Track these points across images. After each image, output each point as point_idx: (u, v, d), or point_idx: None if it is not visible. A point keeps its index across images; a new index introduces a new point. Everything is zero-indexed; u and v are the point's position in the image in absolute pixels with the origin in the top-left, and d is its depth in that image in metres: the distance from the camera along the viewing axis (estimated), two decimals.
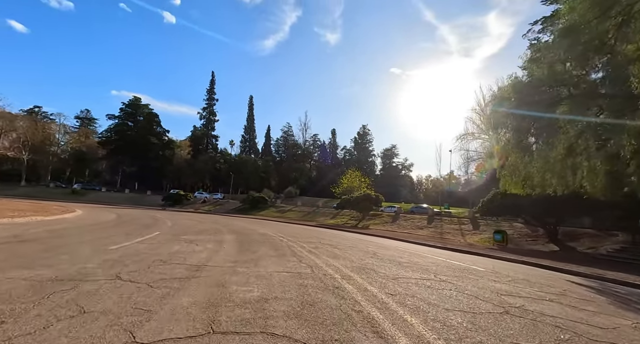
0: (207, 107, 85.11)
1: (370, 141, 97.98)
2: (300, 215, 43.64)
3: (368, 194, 36.59)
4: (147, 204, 51.64)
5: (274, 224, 26.17)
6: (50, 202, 33.03)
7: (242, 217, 35.15)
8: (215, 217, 30.37)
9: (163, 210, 39.51)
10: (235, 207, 50.49)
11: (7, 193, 53.14)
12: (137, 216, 21.54)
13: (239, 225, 18.70)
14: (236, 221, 24.99)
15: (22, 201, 29.81)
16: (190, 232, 11.30)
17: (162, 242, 8.19)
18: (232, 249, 7.71)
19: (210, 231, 12.81)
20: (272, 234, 13.84)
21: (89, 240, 7.61)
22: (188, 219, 21.75)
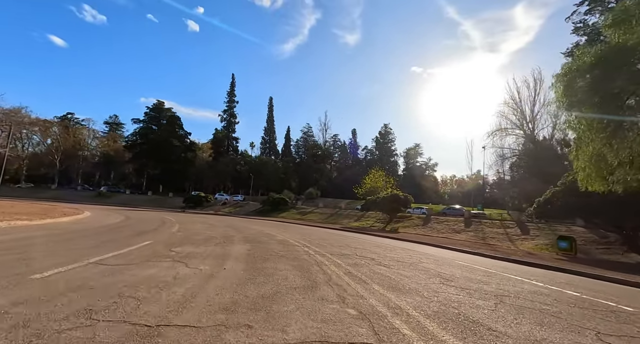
0: (227, 110, 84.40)
1: (392, 140, 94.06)
2: (323, 217, 40.89)
3: (396, 194, 33.28)
4: (168, 207, 50.61)
5: (295, 227, 23.57)
6: (67, 205, 31.99)
7: (261, 220, 32.85)
8: (233, 220, 28.17)
9: (181, 212, 37.89)
10: (255, 209, 48.45)
11: (38, 195, 53.85)
12: (146, 218, 19.53)
13: (256, 230, 16.17)
14: (254, 224, 22.59)
15: (35, 203, 28.76)
16: (190, 242, 8.76)
17: (140, 259, 5.64)
18: (235, 274, 5.01)
19: (218, 239, 10.27)
20: (294, 241, 11.16)
21: (32, 257, 5.16)
22: (201, 222, 19.49)
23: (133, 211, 30.72)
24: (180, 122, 77.60)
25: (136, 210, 33.40)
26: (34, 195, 54.14)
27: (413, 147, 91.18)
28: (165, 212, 35.51)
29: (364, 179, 56.49)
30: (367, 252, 9.52)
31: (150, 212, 29.25)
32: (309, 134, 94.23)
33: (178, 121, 76.89)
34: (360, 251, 9.71)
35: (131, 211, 30.42)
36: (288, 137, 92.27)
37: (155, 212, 31.95)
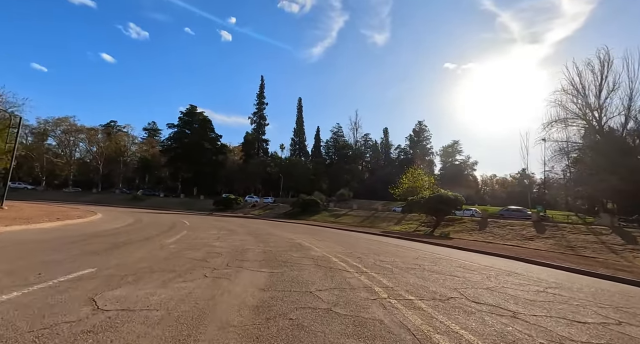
0: (257, 112, 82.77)
1: (428, 138, 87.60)
2: (358, 220, 36.59)
3: (443, 194, 28.25)
4: (198, 209, 48.86)
5: (330, 233, 19.62)
6: (92, 207, 30.39)
7: (291, 223, 29.32)
8: (259, 224, 24.76)
9: (207, 215, 35.39)
10: (285, 212, 45.18)
11: (80, 199, 54.71)
12: (157, 222, 16.58)
13: (284, 239, 12.42)
14: (282, 229, 18.95)
15: (53, 206, 27.20)
16: (167, 269, 5.05)
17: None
18: None
19: (222, 258, 6.51)
20: (338, 261, 7.13)
21: None
22: (219, 227, 16.12)
23: (155, 213, 28.42)
24: (212, 126, 76.98)
25: (160, 213, 31.21)
26: (75, 198, 55.07)
27: (451, 145, 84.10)
28: (191, 215, 33.09)
29: (401, 178, 51.43)
30: (474, 286, 5.31)
31: (169, 215, 26.64)
32: (339, 134, 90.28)
33: (209, 124, 76.29)
34: (457, 283, 5.52)
35: (153, 213, 28.12)
36: (318, 138, 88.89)
37: (176, 215, 29.43)
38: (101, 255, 5.72)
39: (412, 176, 53.06)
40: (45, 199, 49.93)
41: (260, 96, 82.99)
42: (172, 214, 30.74)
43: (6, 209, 16.50)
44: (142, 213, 26.95)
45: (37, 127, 69.80)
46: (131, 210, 32.44)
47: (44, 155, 69.57)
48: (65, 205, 33.80)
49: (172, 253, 6.45)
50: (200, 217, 26.99)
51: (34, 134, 70.84)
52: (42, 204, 30.58)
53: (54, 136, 71.67)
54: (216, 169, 73.29)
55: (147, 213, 27.52)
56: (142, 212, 28.27)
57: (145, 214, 25.71)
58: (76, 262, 4.99)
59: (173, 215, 27.78)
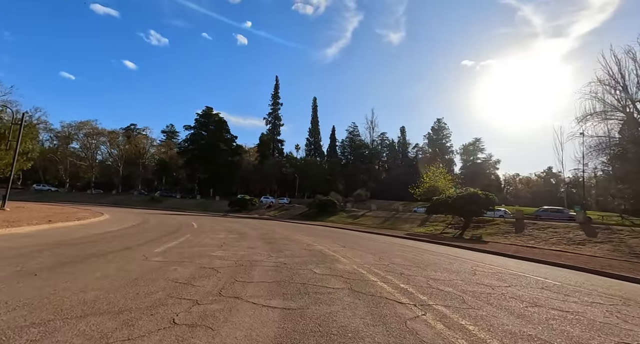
0: (272, 112, 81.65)
1: (448, 136, 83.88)
2: (378, 221, 34.30)
3: (474, 193, 25.61)
4: (214, 210, 47.84)
5: (350, 235, 17.59)
6: (104, 208, 29.59)
7: (307, 225, 27.43)
8: (274, 226, 22.99)
9: (221, 217, 34.04)
10: (301, 212, 43.40)
11: (99, 201, 54.97)
12: (163, 223, 15.08)
13: (301, 244, 10.54)
14: (299, 232, 17.07)
15: (66, 208, 26.47)
16: (129, 303, 3.22)
17: None
18: None
19: (222, 273, 4.65)
20: (374, 278, 5.13)
21: None
22: (230, 230, 14.41)
23: (166, 215, 27.22)
24: (227, 127, 76.40)
25: (173, 214, 30.03)
26: (96, 200, 55.38)
27: (472, 143, 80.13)
28: (205, 216, 31.80)
29: (422, 177, 48.69)
30: (611, 333, 3.23)
31: (180, 217, 25.27)
32: (355, 133, 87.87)
33: (225, 125, 75.74)
34: (581, 327, 3.44)
35: (165, 215, 26.91)
36: (333, 138, 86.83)
37: (189, 216, 28.08)
38: (40, 276, 3.96)
39: (433, 174, 50.20)
40: (67, 200, 50.30)
41: (275, 97, 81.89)
42: (185, 215, 29.53)
43: (8, 211, 15.41)
44: (154, 214, 25.78)
45: (61, 131, 71.32)
46: (145, 211, 31.49)
47: (67, 158, 70.93)
48: (82, 206, 33.32)
49: (150, 270, 4.64)
50: (212, 219, 25.55)
51: (58, 137, 72.42)
52: (58, 205, 30.08)
53: (76, 139, 73.00)
54: (232, 170, 72.61)
55: (158, 215, 26.35)
56: (154, 214, 27.14)
57: (156, 215, 24.50)
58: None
59: (185, 216, 26.50)
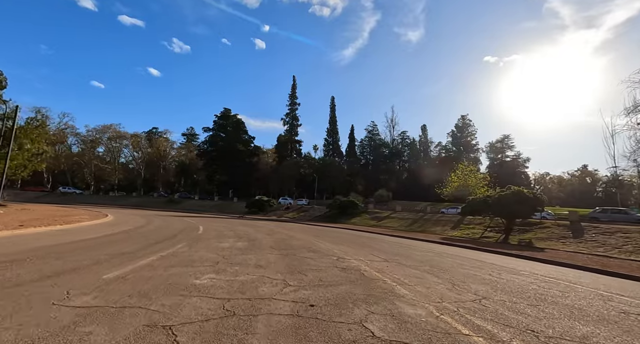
0: (289, 113, 79.66)
1: (473, 134, 78.85)
2: (405, 223, 31.17)
3: (520, 191, 22.13)
4: (231, 212, 46.16)
5: (381, 240, 14.79)
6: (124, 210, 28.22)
7: (329, 227, 24.82)
8: (293, 229, 20.49)
9: (237, 219, 31.99)
10: (321, 214, 40.86)
11: (120, 202, 54.82)
12: (170, 226, 12.98)
13: (328, 257, 7.95)
14: (320, 236, 14.48)
15: (87, 209, 25.13)
16: None
17: None
18: None
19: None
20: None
21: None
22: (240, 236, 12.04)
23: (177, 217, 25.38)
24: (245, 127, 75.28)
25: (186, 216, 28.25)
26: (116, 202, 55.31)
27: (500, 140, 74.85)
28: (220, 218, 29.86)
29: (450, 176, 45.00)
30: None
31: (191, 219, 23.25)
32: (374, 132, 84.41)
33: (242, 125, 74.64)
34: None
35: (175, 217, 25.08)
36: (352, 137, 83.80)
37: (201, 218, 26.11)
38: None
39: (462, 173, 46.34)
40: (87, 202, 50.29)
41: (292, 96, 79.97)
42: (197, 217, 27.70)
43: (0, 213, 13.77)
44: (164, 216, 24.03)
45: (85, 134, 72.56)
46: (158, 213, 29.96)
47: (93, 161, 71.99)
48: (96, 208, 32.33)
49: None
50: (225, 221, 23.45)
51: (83, 141, 73.70)
52: (67, 207, 29.07)
53: (101, 143, 74.00)
54: (250, 171, 71.28)
55: (168, 217, 24.60)
56: (165, 216, 25.43)
57: (166, 217, 22.71)
58: None
59: (196, 218, 24.60)
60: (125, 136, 74.92)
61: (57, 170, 73.43)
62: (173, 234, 10.65)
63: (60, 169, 72.95)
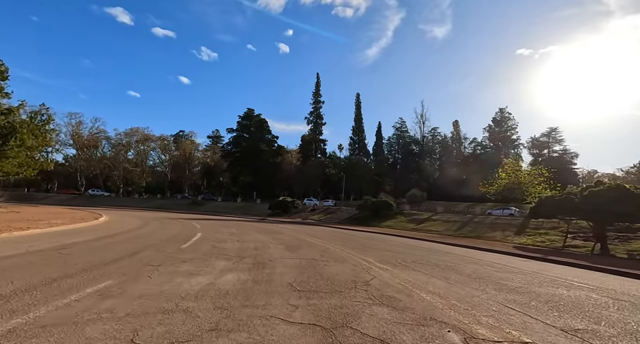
0: (313, 111, 75.84)
1: (513, 128, 70.91)
2: (453, 227, 25.90)
3: (621, 186, 16.41)
4: (254, 214, 42.73)
5: (444, 254, 9.95)
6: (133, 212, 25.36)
7: (363, 232, 20.23)
8: (320, 234, 16.12)
9: (259, 221, 28.20)
10: (350, 216, 36.31)
11: (143, 205, 53.38)
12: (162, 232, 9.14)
13: (402, 299, 3.60)
14: (360, 248, 9.99)
15: (95, 210, 22.31)
16: None
17: None
18: None
19: None
20: None
21: None
22: (245, 249, 7.94)
23: (189, 219, 21.84)
24: (268, 127, 72.39)
25: (203, 218, 24.79)
26: (139, 204, 53.98)
27: (546, 133, 66.55)
28: (238, 221, 26.18)
29: (497, 173, 38.92)
30: None
31: (199, 221, 19.49)
32: (402, 129, 78.61)
33: (266, 124, 71.79)
34: None
35: (186, 219, 21.54)
36: (379, 135, 78.52)
37: (217, 221, 22.41)
38: None
39: (510, 169, 40.05)
40: (112, 205, 49.15)
41: (316, 94, 76.17)
42: (212, 220, 24.17)
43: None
44: (172, 219, 20.67)
45: (114, 138, 73.10)
46: (172, 215, 26.92)
47: (121, 164, 72.25)
48: (115, 209, 29.97)
49: None
50: (240, 226, 19.63)
51: (113, 145, 74.31)
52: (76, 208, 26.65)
53: (129, 147, 74.21)
54: (274, 172, 68.18)
55: (177, 219, 21.22)
56: (175, 218, 22.11)
57: (172, 220, 19.30)
58: None
59: (208, 222, 20.99)
60: (152, 139, 74.72)
61: (91, 174, 74.57)
62: (138, 250, 6.73)
63: (94, 172, 73.99)
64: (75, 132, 69.64)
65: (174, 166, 78.78)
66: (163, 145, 79.49)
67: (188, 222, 18.55)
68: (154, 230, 12.57)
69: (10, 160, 20.20)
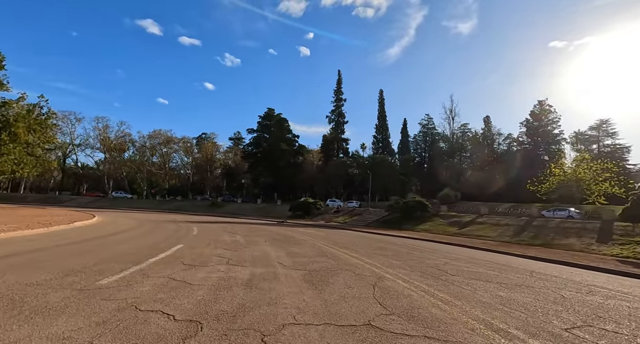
0: (335, 110, 72.00)
1: (555, 121, 63.33)
2: (506, 232, 21.03)
3: None
4: (274, 216, 39.41)
5: (544, 272, 5.90)
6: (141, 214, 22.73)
7: (400, 238, 15.97)
8: (353, 248, 12.14)
9: (277, 224, 24.67)
10: (379, 218, 32.03)
11: (162, 207, 51.70)
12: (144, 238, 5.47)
13: None
14: (405, 264, 6.21)
15: (101, 211, 19.66)
16: None
17: None
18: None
19: None
20: None
21: None
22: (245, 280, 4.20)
23: (190, 222, 18.60)
24: (288, 125, 69.43)
25: (215, 221, 21.58)
26: (159, 206, 52.44)
27: (595, 126, 58.74)
28: (253, 224, 22.77)
29: (552, 169, 33.16)
30: None
31: (201, 225, 16.18)
32: (429, 126, 72.95)
33: (286, 123, 68.85)
34: None
35: (192, 222, 18.33)
36: (405, 132, 73.37)
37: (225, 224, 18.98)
38: None
39: (561, 166, 34.19)
40: (129, 206, 47.87)
41: (337, 92, 72.37)
42: (225, 223, 20.87)
43: None
44: (179, 222, 17.52)
45: (138, 140, 73.14)
46: (190, 217, 24.07)
47: (145, 167, 72.05)
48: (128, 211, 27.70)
49: None
50: (255, 230, 16.14)
51: (137, 148, 74.42)
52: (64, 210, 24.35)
53: (152, 149, 73.95)
54: (295, 172, 65.01)
55: (186, 222, 18.05)
56: (182, 221, 19.00)
57: (173, 223, 16.08)
58: None
59: (218, 224, 17.65)
60: (174, 141, 74.09)
61: (118, 176, 75.09)
62: (49, 278, 3.24)
63: (121, 175, 74.45)
64: (102, 135, 70.22)
65: (196, 168, 77.87)
66: (185, 147, 78.89)
67: (187, 226, 15.30)
68: (131, 237, 9.34)
69: (4, 157, 18.04)
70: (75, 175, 78.46)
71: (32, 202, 47.30)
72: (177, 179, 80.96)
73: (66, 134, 69.14)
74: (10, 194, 63.22)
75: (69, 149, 70.35)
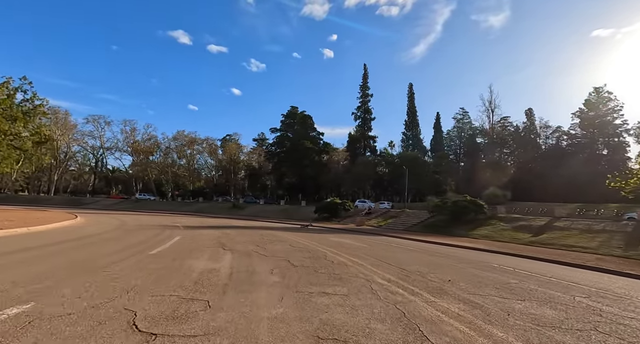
0: (361, 106, 66.82)
1: (616, 110, 54.04)
2: (610, 241, 15.00)
3: None
4: (298, 218, 34.96)
5: None
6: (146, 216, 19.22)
7: (482, 253, 10.73)
8: (418, 259, 7.15)
9: (299, 229, 20.04)
10: (420, 221, 26.54)
11: (183, 209, 49.16)
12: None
13: None
14: None
15: (108, 214, 16.08)
16: None
17: None
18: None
19: None
20: None
21: None
22: None
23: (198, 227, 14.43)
24: (313, 123, 65.21)
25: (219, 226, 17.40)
26: (178, 208, 50.00)
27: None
28: (277, 229, 18.33)
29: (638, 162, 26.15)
30: None
31: (199, 230, 11.88)
32: (464, 121, 65.71)
33: (310, 120, 64.66)
34: None
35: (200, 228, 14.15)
36: (438, 127, 66.72)
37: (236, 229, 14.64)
38: None
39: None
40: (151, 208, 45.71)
41: (363, 87, 67.17)
42: (237, 227, 16.62)
43: None
44: (181, 227, 13.47)
45: (162, 142, 72.31)
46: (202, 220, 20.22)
47: (170, 169, 70.93)
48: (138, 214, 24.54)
49: None
50: (270, 237, 11.70)
51: (162, 151, 73.54)
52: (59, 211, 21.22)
53: (177, 151, 72.77)
54: (320, 172, 60.54)
55: (188, 229, 13.95)
56: (184, 227, 14.95)
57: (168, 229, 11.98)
58: None
59: (225, 229, 13.35)
60: (197, 141, 72.50)
61: (145, 178, 74.70)
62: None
63: (148, 177, 73.99)
64: (130, 138, 70.05)
65: (221, 170, 75.90)
66: (210, 149, 77.15)
67: (170, 233, 11.12)
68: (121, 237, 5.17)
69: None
70: (105, 178, 79.24)
71: (57, 205, 46.32)
72: (203, 181, 79.41)
73: (96, 137, 69.66)
74: (30, 196, 63.94)
75: (99, 152, 70.79)
